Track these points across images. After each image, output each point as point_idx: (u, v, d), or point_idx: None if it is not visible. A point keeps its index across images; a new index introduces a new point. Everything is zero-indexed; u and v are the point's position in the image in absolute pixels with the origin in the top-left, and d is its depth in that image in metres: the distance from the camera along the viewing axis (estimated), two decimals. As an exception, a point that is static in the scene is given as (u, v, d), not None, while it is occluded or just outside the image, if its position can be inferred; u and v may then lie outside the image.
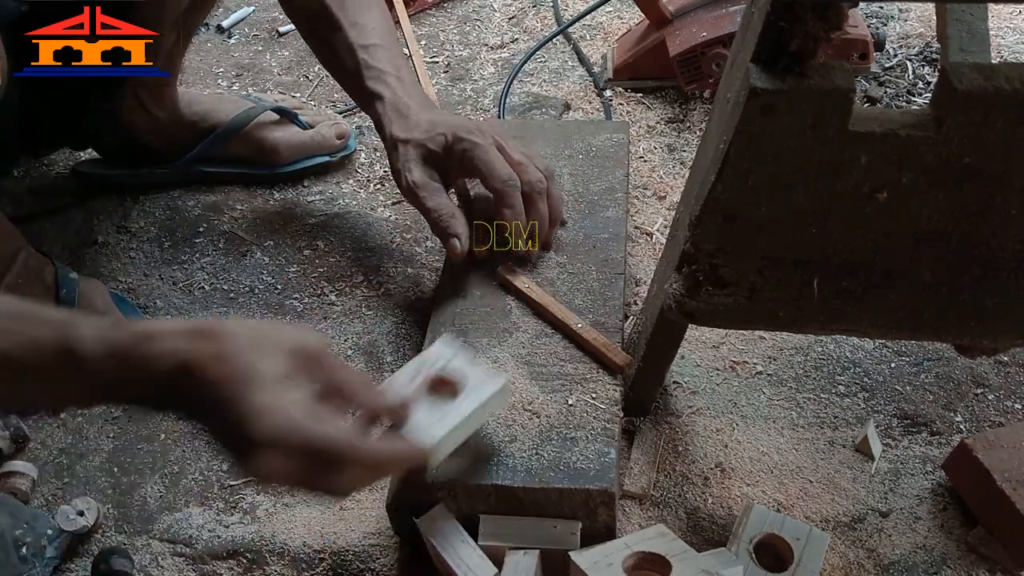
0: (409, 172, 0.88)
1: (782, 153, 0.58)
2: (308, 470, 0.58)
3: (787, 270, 0.64)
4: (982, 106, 0.55)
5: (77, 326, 0.57)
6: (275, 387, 0.57)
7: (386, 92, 0.92)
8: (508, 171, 0.86)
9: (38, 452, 0.91)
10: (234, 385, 0.57)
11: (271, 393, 0.57)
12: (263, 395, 0.56)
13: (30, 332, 0.57)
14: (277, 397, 0.57)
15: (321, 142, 1.18)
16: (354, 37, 0.95)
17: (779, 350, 0.94)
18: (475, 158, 0.86)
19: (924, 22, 1.38)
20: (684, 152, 1.20)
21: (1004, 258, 0.62)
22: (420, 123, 0.90)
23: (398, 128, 0.90)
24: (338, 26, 0.95)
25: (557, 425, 0.77)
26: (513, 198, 0.86)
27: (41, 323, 0.58)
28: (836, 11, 0.54)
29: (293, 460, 0.57)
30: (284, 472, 0.58)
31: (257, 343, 0.59)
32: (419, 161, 0.88)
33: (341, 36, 0.95)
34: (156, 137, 1.14)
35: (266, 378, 0.57)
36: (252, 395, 0.56)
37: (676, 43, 1.21)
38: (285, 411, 0.57)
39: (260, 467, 0.57)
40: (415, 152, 0.88)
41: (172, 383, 0.57)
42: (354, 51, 0.95)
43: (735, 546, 0.74)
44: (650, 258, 1.05)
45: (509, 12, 1.51)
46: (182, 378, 0.57)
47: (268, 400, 0.56)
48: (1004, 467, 0.75)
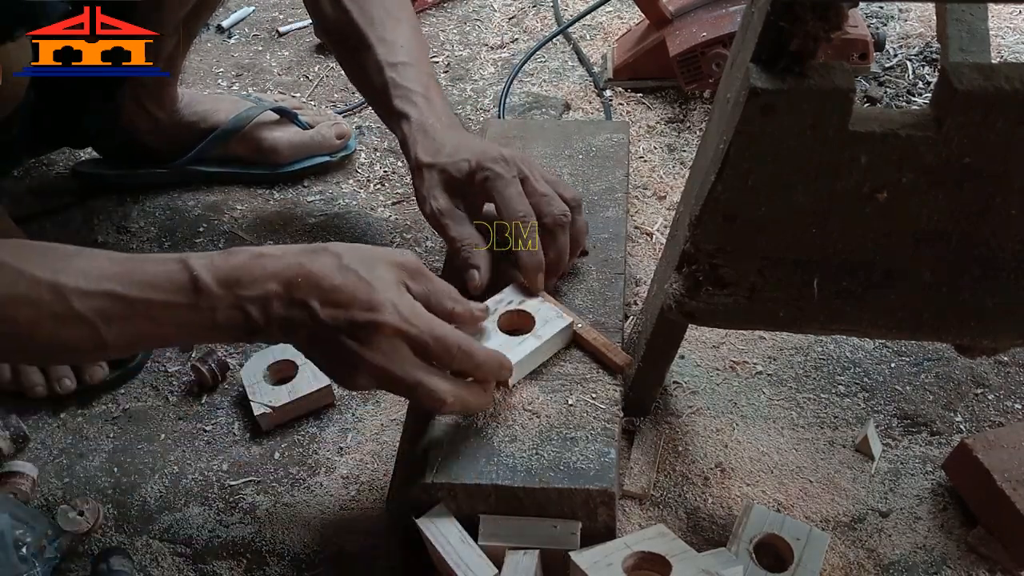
0: (434, 200, 0.86)
1: (782, 153, 0.58)
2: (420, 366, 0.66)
3: (787, 270, 0.64)
4: (982, 106, 0.54)
5: (192, 257, 0.64)
6: (395, 288, 0.66)
7: (413, 112, 0.90)
8: (525, 207, 0.83)
9: (38, 452, 0.91)
10: (357, 286, 0.64)
11: (393, 292, 0.65)
12: (387, 292, 0.65)
13: (149, 270, 0.63)
14: (399, 295, 0.66)
15: (321, 142, 1.18)
16: (383, 54, 0.93)
17: (779, 350, 0.94)
18: (494, 189, 0.84)
19: (924, 22, 1.38)
20: (684, 152, 1.20)
21: (1004, 258, 0.62)
22: (445, 147, 0.88)
23: (423, 151, 0.88)
24: (367, 44, 0.93)
25: (557, 425, 0.77)
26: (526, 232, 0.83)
27: (156, 261, 0.64)
28: (836, 11, 0.54)
29: (413, 351, 0.65)
30: (401, 364, 0.65)
31: (369, 257, 0.67)
32: (442, 188, 0.87)
33: (370, 54, 0.93)
34: (156, 137, 1.14)
35: (385, 281, 0.65)
36: (377, 294, 0.64)
37: (676, 43, 1.21)
38: (408, 304, 0.66)
39: (380, 357, 0.64)
40: (439, 178, 0.87)
41: (290, 295, 0.64)
42: (382, 69, 0.93)
43: (735, 546, 0.74)
44: (650, 258, 1.05)
45: (509, 12, 1.51)
46: (301, 288, 0.64)
47: (393, 295, 0.65)
48: (1004, 467, 0.75)
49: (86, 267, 0.62)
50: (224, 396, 0.95)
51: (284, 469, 0.88)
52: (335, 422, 0.91)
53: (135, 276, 0.62)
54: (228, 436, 0.91)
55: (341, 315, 0.64)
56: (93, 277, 0.62)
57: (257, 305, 0.63)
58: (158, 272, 0.63)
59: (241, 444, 0.90)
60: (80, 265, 0.62)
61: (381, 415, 0.92)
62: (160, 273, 0.63)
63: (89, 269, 0.62)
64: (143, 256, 0.65)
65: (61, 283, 0.61)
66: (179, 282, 0.62)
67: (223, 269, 0.63)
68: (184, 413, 0.93)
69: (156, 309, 0.62)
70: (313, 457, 0.88)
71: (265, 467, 0.88)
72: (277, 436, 0.90)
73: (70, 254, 0.64)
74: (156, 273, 0.63)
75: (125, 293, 0.61)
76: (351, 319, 0.63)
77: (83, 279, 0.61)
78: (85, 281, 0.61)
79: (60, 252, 0.64)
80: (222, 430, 0.91)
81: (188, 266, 0.63)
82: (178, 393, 0.95)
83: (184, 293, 0.62)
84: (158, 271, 0.63)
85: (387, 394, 0.93)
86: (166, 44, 1.01)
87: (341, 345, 0.64)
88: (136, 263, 0.64)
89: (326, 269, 0.64)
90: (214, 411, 0.93)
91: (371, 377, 0.66)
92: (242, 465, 0.88)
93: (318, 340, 0.65)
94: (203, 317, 0.63)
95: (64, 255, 0.63)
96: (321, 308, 0.63)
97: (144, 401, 0.95)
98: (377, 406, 0.93)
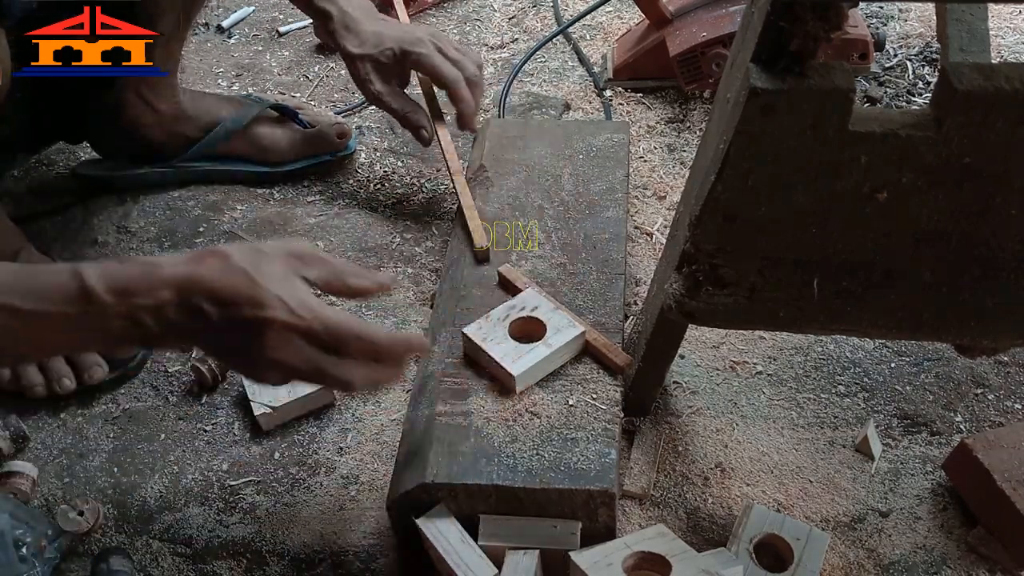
0: (372, 83, 1.05)
1: (782, 153, 0.58)
2: (320, 355, 0.65)
3: (787, 270, 0.64)
4: (982, 106, 0.55)
5: (86, 267, 0.63)
6: (283, 282, 0.65)
7: (333, 9, 1.04)
8: (453, 72, 1.05)
9: (38, 452, 0.91)
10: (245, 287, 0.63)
11: (280, 286, 0.64)
12: (273, 287, 0.64)
13: (43, 280, 0.62)
14: (287, 288, 0.65)
15: (321, 142, 1.18)
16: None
17: (779, 350, 0.94)
18: (424, 65, 1.05)
19: (924, 22, 1.38)
20: (684, 152, 1.20)
21: (1004, 258, 0.62)
22: (368, 37, 1.04)
23: (350, 44, 1.04)
24: None
25: (558, 426, 0.77)
26: (462, 91, 1.05)
27: (51, 272, 0.64)
28: (836, 11, 0.54)
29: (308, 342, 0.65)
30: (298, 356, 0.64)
31: (256, 253, 0.66)
32: (376, 73, 1.05)
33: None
34: (158, 131, 1.13)
35: (273, 276, 0.65)
36: (263, 291, 0.63)
37: (676, 43, 1.21)
38: (297, 297, 0.64)
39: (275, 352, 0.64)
40: (371, 66, 1.05)
41: (183, 301, 0.63)
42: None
43: (735, 546, 0.74)
44: (650, 258, 1.05)
45: (509, 12, 1.51)
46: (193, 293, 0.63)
47: (279, 290, 0.64)
48: (1004, 467, 0.75)
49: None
50: (224, 396, 0.95)
51: (284, 469, 0.87)
52: (335, 422, 0.91)
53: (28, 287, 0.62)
54: (228, 436, 0.91)
55: (232, 314, 0.63)
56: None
57: (151, 314, 0.63)
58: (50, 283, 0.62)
59: (241, 444, 0.90)
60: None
61: (381, 415, 0.92)
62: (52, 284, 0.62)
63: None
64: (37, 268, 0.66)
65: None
66: (70, 292, 0.62)
67: (115, 278, 0.63)
68: (184, 413, 0.93)
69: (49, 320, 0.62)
70: (313, 457, 0.88)
71: (265, 467, 0.88)
72: (277, 436, 0.90)
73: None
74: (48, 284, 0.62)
75: (19, 306, 0.61)
76: (242, 317, 0.63)
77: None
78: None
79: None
80: (222, 430, 0.91)
81: (80, 276, 0.62)
82: (178, 393, 0.95)
83: (75, 303, 0.62)
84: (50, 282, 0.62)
85: (387, 394, 0.93)
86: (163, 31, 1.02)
87: (238, 345, 0.65)
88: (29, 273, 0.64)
89: (214, 272, 0.64)
90: (214, 411, 0.93)
91: (274, 371, 0.66)
92: (242, 465, 0.88)
93: (216, 342, 0.66)
94: (95, 326, 0.63)
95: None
96: (213, 310, 0.63)
97: (144, 401, 0.95)
98: (377, 406, 0.93)
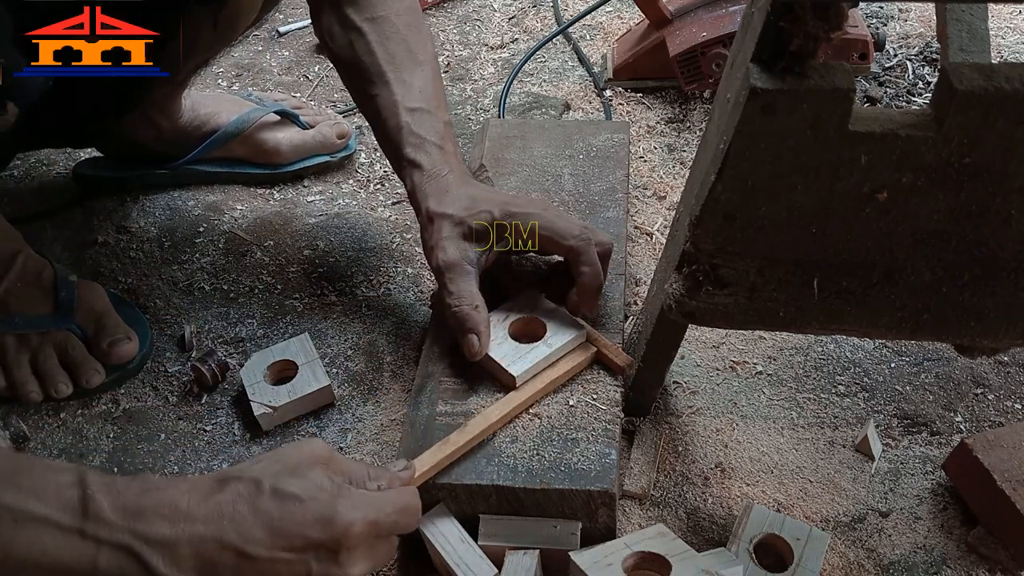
0: (443, 251, 0.82)
1: (782, 153, 0.58)
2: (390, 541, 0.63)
3: (787, 270, 0.64)
4: (982, 106, 0.54)
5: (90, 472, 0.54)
6: (331, 485, 0.60)
7: (425, 161, 0.87)
8: (580, 226, 0.83)
9: (38, 452, 0.91)
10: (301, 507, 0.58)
11: (335, 491, 0.59)
12: (330, 497, 0.59)
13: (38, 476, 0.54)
14: (347, 491, 0.60)
15: (322, 142, 1.18)
16: (400, 96, 0.89)
17: (779, 350, 0.94)
18: (539, 225, 0.82)
19: (924, 22, 1.38)
20: (684, 152, 1.20)
21: (1004, 258, 0.62)
22: (459, 198, 0.84)
23: (434, 202, 0.84)
24: (384, 81, 0.90)
25: (558, 426, 0.77)
26: (590, 254, 0.82)
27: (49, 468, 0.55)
28: (836, 11, 0.54)
29: (383, 533, 0.61)
30: (377, 549, 0.61)
31: (285, 466, 0.60)
32: (455, 239, 0.82)
33: (386, 92, 0.90)
34: (158, 144, 1.14)
35: (319, 484, 0.59)
36: (323, 505, 0.58)
37: (676, 43, 1.21)
38: (359, 494, 0.60)
39: (362, 556, 0.60)
40: (454, 230, 0.82)
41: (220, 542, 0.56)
42: (398, 112, 0.89)
43: (735, 546, 0.74)
44: (650, 258, 1.05)
45: (509, 12, 1.51)
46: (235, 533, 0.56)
47: (338, 497, 0.59)
48: (1004, 467, 0.75)
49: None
50: (224, 396, 0.95)
51: (284, 469, 0.87)
52: (335, 422, 0.91)
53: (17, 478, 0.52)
54: (228, 436, 0.91)
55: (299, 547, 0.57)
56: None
57: (162, 550, 0.53)
58: (47, 481, 0.52)
59: (241, 444, 0.90)
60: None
61: (381, 415, 0.92)
62: (48, 482, 0.52)
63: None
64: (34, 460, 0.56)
65: None
66: (67, 498, 0.52)
67: (125, 495, 0.53)
68: (184, 413, 0.93)
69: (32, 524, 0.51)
70: (313, 457, 0.88)
71: (265, 467, 0.88)
72: (277, 436, 0.90)
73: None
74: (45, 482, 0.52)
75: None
76: (315, 544, 0.57)
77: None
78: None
79: None
80: (222, 430, 0.91)
81: (82, 481, 0.52)
82: (178, 393, 0.95)
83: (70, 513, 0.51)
84: (47, 480, 0.52)
85: (387, 394, 0.93)
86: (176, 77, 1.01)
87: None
88: (25, 463, 0.54)
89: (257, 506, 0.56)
90: (214, 411, 0.93)
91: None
92: (242, 465, 0.88)
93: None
94: (83, 553, 0.52)
95: None
96: (271, 552, 0.56)
97: (144, 401, 0.95)
98: (377, 406, 0.93)
